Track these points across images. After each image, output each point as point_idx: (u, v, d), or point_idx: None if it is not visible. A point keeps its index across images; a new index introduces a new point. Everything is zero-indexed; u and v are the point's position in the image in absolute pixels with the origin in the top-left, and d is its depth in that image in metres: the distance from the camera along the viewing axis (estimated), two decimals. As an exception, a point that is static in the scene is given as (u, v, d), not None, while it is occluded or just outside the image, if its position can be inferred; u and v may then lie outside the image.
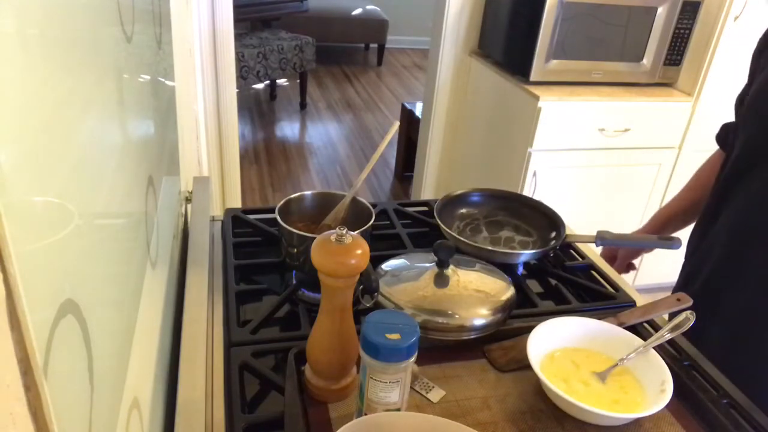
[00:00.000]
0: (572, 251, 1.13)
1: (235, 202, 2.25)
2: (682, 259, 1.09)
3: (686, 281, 1.06)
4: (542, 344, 0.79)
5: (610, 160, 2.24)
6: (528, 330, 0.80)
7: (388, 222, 1.16)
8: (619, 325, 0.85)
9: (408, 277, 0.86)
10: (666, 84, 2.30)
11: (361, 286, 0.77)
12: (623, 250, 1.21)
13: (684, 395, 0.77)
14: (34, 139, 0.31)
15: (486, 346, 0.84)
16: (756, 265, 0.92)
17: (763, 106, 0.91)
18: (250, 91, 4.81)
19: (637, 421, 0.74)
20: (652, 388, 0.75)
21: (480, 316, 0.82)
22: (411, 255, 0.94)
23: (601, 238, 1.05)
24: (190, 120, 1.56)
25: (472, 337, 0.82)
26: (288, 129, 4.31)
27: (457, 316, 0.81)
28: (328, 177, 3.64)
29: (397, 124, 1.05)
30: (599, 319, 0.85)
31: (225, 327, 0.85)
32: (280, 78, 4.64)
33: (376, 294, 0.80)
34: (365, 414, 0.68)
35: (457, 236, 1.03)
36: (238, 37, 3.78)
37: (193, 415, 0.64)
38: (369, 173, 1.01)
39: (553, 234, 1.08)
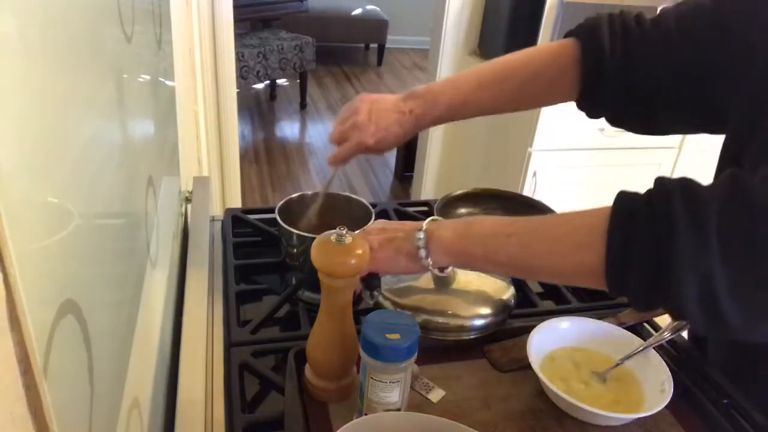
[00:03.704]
0: (572, 251, 1.13)
1: (235, 202, 2.25)
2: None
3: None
4: (542, 344, 0.79)
5: (610, 160, 2.24)
6: (528, 330, 0.80)
7: (388, 222, 1.16)
8: (619, 325, 0.85)
9: (408, 277, 0.86)
10: (666, 84, 2.30)
11: (364, 282, 0.76)
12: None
13: (684, 395, 0.77)
14: (34, 139, 0.31)
15: (486, 346, 0.84)
16: None
17: None
18: (250, 91, 4.81)
19: (637, 421, 0.74)
20: (652, 388, 0.75)
21: (480, 316, 0.82)
22: (411, 255, 0.94)
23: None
24: (190, 120, 1.55)
25: (472, 337, 0.82)
26: (288, 129, 4.31)
27: (457, 316, 0.81)
28: (327, 177, 3.64)
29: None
30: (599, 319, 0.85)
31: (225, 327, 0.85)
32: (280, 78, 4.63)
33: (376, 294, 0.80)
34: (365, 414, 0.68)
35: (457, 236, 1.03)
36: (238, 37, 3.77)
37: (193, 415, 0.64)
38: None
39: (553, 234, 1.08)
